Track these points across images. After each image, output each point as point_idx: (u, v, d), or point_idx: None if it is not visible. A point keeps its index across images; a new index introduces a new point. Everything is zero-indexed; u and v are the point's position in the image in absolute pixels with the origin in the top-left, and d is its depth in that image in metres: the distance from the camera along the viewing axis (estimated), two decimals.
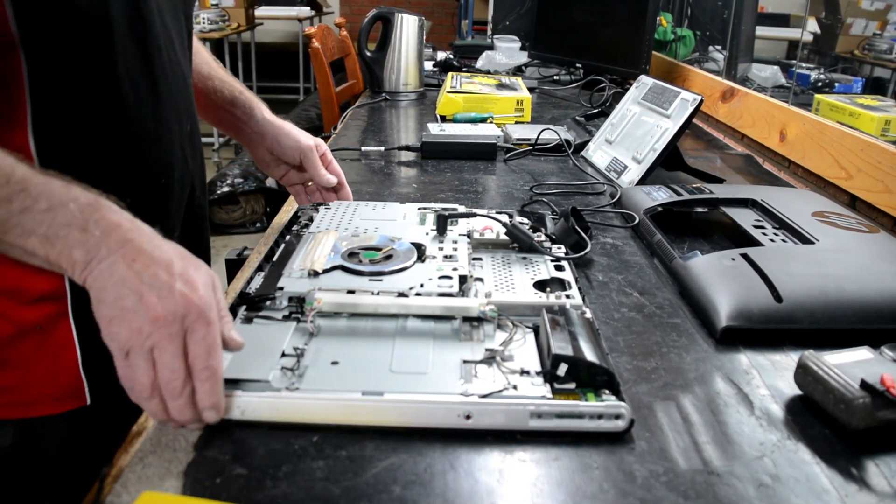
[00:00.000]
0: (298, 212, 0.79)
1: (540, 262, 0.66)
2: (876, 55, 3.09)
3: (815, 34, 3.20)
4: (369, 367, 0.49)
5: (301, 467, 0.42)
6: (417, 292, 0.57)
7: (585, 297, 0.60)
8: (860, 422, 0.46)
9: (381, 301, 0.56)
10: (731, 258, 0.66)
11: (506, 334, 0.53)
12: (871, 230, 0.75)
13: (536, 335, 0.54)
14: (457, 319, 0.55)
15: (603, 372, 0.47)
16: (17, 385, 0.61)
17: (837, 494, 0.42)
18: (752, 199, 0.85)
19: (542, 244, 0.68)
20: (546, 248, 0.67)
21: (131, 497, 0.40)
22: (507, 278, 0.62)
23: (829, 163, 1.05)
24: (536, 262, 0.66)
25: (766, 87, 1.86)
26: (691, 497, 0.41)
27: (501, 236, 0.69)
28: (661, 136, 1.00)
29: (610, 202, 0.93)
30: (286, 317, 0.56)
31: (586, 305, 0.58)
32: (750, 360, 0.57)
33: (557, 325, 0.51)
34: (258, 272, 0.63)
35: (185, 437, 0.45)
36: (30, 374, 0.61)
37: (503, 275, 0.63)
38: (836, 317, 0.60)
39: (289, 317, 0.55)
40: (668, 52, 2.07)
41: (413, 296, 0.56)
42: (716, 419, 0.49)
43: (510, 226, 0.68)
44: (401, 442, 0.45)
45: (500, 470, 0.43)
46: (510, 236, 0.68)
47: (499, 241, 0.69)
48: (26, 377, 0.61)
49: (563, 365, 0.47)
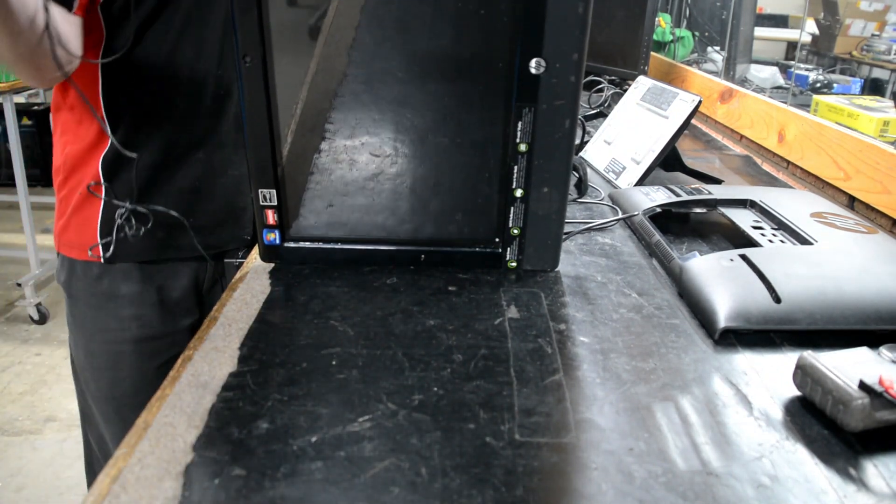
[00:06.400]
0: None
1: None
2: (874, 56, 3.10)
3: (814, 35, 3.20)
4: None
5: (300, 468, 0.42)
6: None
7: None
8: (858, 422, 0.46)
9: None
10: (730, 259, 0.66)
11: None
12: (870, 231, 0.75)
13: None
14: None
15: None
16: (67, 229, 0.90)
17: (836, 495, 0.42)
18: (751, 200, 0.85)
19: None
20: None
21: (130, 498, 0.40)
22: None
23: (828, 164, 1.05)
24: None
25: (764, 87, 1.86)
26: (690, 498, 0.41)
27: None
28: (660, 136, 1.00)
29: (605, 203, 0.93)
30: None
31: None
32: (748, 361, 0.57)
33: None
34: None
35: (183, 439, 0.45)
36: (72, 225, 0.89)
37: None
38: (834, 317, 0.60)
39: None
40: (666, 52, 2.07)
41: None
42: (714, 420, 0.49)
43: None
44: (400, 443, 0.45)
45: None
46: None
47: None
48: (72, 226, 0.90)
49: None
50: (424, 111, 0.63)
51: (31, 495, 1.76)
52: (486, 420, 0.47)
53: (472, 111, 0.63)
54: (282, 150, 0.64)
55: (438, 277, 0.69)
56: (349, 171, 0.65)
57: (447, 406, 0.49)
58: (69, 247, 0.91)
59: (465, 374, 0.52)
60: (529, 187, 0.65)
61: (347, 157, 0.65)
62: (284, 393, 0.50)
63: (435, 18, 0.59)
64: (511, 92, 0.61)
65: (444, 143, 0.64)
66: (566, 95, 0.61)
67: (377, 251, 0.70)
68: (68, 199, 0.90)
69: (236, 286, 0.66)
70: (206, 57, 0.86)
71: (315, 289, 0.66)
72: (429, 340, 0.57)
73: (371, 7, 0.59)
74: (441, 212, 0.68)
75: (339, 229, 0.69)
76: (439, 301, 0.64)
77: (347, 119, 0.63)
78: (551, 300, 0.65)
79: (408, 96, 0.62)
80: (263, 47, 0.60)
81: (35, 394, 2.15)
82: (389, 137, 0.64)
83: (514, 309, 0.63)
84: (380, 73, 0.61)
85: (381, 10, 0.59)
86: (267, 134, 0.63)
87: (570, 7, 0.58)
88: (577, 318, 0.62)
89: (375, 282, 0.67)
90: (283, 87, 0.62)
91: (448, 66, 0.61)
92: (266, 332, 0.58)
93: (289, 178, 0.66)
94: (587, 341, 0.58)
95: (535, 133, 0.63)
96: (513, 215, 0.67)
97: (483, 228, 0.69)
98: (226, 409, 0.48)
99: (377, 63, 0.61)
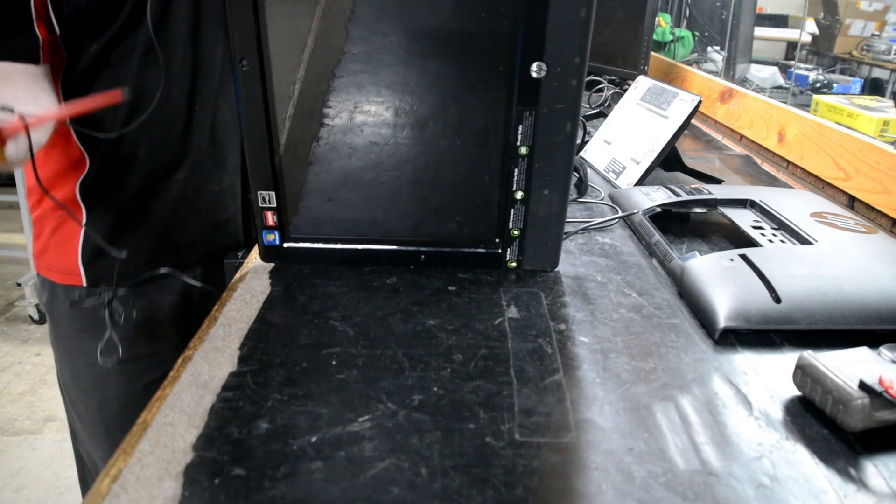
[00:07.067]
0: None
1: None
2: (874, 56, 3.10)
3: (814, 35, 3.20)
4: None
5: (300, 468, 0.42)
6: None
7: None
8: (858, 422, 0.46)
9: None
10: (730, 259, 0.66)
11: None
12: (870, 231, 0.75)
13: None
14: None
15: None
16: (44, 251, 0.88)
17: (836, 495, 0.42)
18: (751, 200, 0.85)
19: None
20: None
21: (130, 498, 0.40)
22: None
23: (828, 163, 1.05)
24: None
25: (764, 87, 1.86)
26: (690, 498, 0.41)
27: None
28: (660, 136, 1.00)
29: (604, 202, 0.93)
30: None
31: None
32: (748, 361, 0.57)
33: None
34: None
35: (183, 438, 0.45)
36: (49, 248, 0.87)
37: None
38: (834, 317, 0.60)
39: None
40: (666, 52, 2.07)
41: None
42: (714, 420, 0.49)
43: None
44: (400, 443, 0.45)
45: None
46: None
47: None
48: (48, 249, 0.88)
49: None
50: (425, 95, 0.62)
51: (31, 495, 1.76)
52: (485, 420, 0.47)
53: (473, 103, 0.62)
54: (280, 146, 0.64)
55: (438, 277, 0.69)
56: (348, 161, 0.65)
57: (447, 406, 0.49)
58: (48, 269, 0.89)
59: (465, 374, 0.52)
60: (530, 189, 0.65)
61: (346, 145, 0.64)
62: (284, 393, 0.50)
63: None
64: (512, 95, 0.61)
65: (445, 143, 0.64)
66: (567, 99, 0.61)
67: (377, 251, 0.70)
68: (44, 220, 0.88)
69: (236, 286, 0.66)
70: (175, 77, 0.83)
71: (315, 289, 0.66)
72: (429, 340, 0.57)
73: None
74: (441, 211, 0.68)
75: (338, 226, 0.68)
76: (439, 301, 0.64)
77: (346, 102, 0.62)
78: (551, 300, 0.65)
79: (408, 77, 0.61)
80: (260, 49, 0.59)
81: (35, 394, 2.15)
82: (389, 122, 0.63)
83: (514, 309, 0.63)
84: (378, 50, 0.60)
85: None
86: (265, 136, 0.63)
87: (572, 11, 0.58)
88: (577, 318, 0.62)
89: (375, 282, 0.67)
90: (280, 86, 0.62)
91: (449, 45, 0.61)
92: (266, 332, 0.58)
93: (287, 174, 0.65)
94: (587, 341, 0.58)
95: (535, 136, 0.63)
96: (513, 216, 0.67)
97: (483, 228, 0.69)
98: (226, 409, 0.48)
99: (376, 40, 0.60)
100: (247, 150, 0.64)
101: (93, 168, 0.82)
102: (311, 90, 0.62)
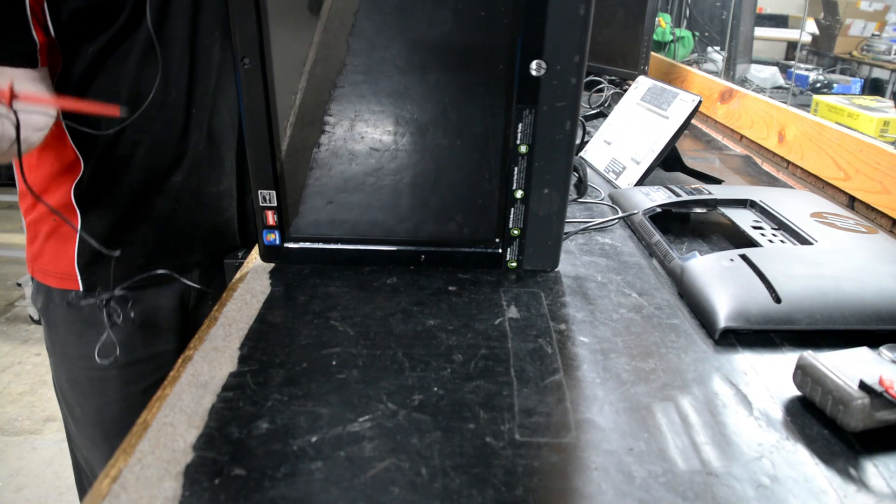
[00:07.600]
0: None
1: None
2: (874, 56, 3.10)
3: (814, 35, 3.20)
4: None
5: (300, 468, 0.42)
6: None
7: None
8: (859, 422, 0.46)
9: None
10: (730, 259, 0.66)
11: None
12: (870, 231, 0.75)
13: None
14: None
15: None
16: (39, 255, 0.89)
17: (836, 495, 0.42)
18: (751, 200, 0.85)
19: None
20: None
21: (130, 498, 0.40)
22: None
23: (828, 164, 1.05)
24: None
25: (764, 87, 1.86)
26: (690, 498, 0.41)
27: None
28: (660, 136, 1.00)
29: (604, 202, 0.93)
30: None
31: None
32: (748, 361, 0.57)
33: None
34: None
35: (183, 438, 0.45)
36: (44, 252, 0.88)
37: None
38: (834, 317, 0.60)
39: None
40: (666, 52, 2.07)
41: None
42: (714, 420, 0.49)
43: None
44: (400, 443, 0.45)
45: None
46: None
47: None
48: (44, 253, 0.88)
49: None
50: (424, 103, 0.62)
51: (31, 495, 1.76)
52: (486, 420, 0.47)
53: (473, 107, 0.63)
54: (281, 148, 0.64)
55: (438, 277, 0.69)
56: (349, 166, 0.65)
57: (447, 406, 0.49)
58: (44, 273, 0.88)
59: (465, 374, 0.52)
60: (530, 189, 0.65)
61: (347, 151, 0.64)
62: (284, 393, 0.50)
63: (436, 7, 0.59)
64: (511, 93, 0.61)
65: (444, 144, 0.64)
66: (567, 97, 0.61)
67: (377, 251, 0.70)
68: (39, 224, 0.87)
69: (236, 286, 0.66)
70: (173, 78, 0.82)
71: (315, 289, 0.66)
72: (429, 340, 0.57)
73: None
74: (441, 211, 0.68)
75: (339, 228, 0.68)
76: (439, 301, 0.64)
77: (346, 111, 0.63)
78: (551, 300, 0.65)
79: (408, 87, 0.62)
80: (262, 48, 0.60)
81: (35, 394, 2.15)
82: (389, 130, 0.64)
83: (515, 309, 0.63)
84: (379, 62, 0.61)
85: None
86: (266, 135, 0.63)
87: (571, 9, 0.58)
88: (577, 318, 0.62)
89: (375, 282, 0.67)
90: (281, 85, 0.62)
91: (448, 56, 0.61)
92: (266, 332, 0.58)
93: (288, 176, 0.66)
94: (587, 341, 0.58)
95: (535, 135, 0.63)
96: (513, 216, 0.67)
97: (483, 228, 0.69)
98: (226, 408, 0.48)
99: (377, 52, 0.60)
100: (248, 149, 0.64)
101: (87, 171, 0.82)
102: (312, 99, 0.62)
